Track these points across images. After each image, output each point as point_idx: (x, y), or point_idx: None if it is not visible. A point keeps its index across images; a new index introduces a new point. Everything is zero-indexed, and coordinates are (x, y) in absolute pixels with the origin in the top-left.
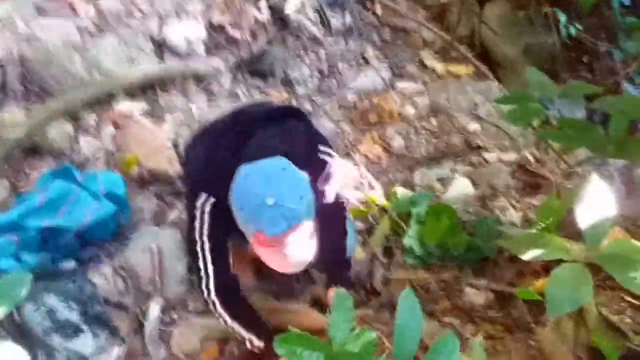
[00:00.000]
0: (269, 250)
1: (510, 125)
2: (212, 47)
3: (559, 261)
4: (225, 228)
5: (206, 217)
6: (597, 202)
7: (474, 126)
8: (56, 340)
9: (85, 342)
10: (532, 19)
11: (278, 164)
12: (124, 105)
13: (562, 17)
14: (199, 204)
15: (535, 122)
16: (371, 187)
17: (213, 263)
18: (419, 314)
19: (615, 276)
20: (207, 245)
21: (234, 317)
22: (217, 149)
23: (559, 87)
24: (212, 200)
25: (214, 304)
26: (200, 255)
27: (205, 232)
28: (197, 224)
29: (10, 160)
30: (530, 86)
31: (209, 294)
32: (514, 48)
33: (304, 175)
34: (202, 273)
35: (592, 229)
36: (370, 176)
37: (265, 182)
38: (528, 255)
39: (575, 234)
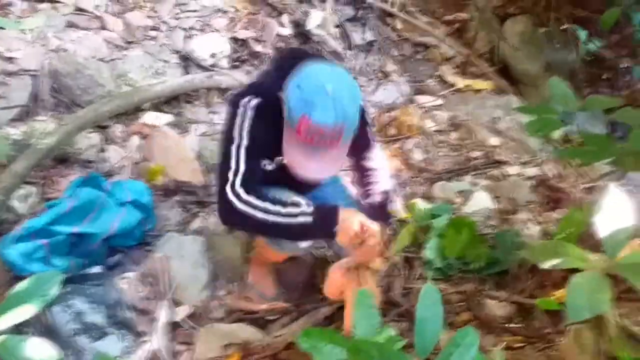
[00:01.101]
0: (301, 144)
1: (530, 140)
2: (235, 61)
3: (579, 272)
4: (265, 127)
5: (249, 112)
6: (616, 212)
7: (494, 140)
8: (83, 341)
9: (111, 344)
10: (553, 35)
11: (345, 71)
12: (150, 117)
13: (583, 34)
14: (243, 101)
15: (556, 135)
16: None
17: (246, 161)
18: (440, 306)
19: (635, 284)
20: (244, 142)
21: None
22: (267, 71)
23: (580, 102)
24: (257, 99)
25: (238, 196)
26: (234, 153)
27: (246, 127)
28: (238, 119)
29: (41, 168)
30: (552, 98)
31: (233, 186)
32: (534, 64)
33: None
34: (232, 170)
35: (611, 238)
36: None
37: (331, 75)
38: (547, 264)
39: (595, 247)
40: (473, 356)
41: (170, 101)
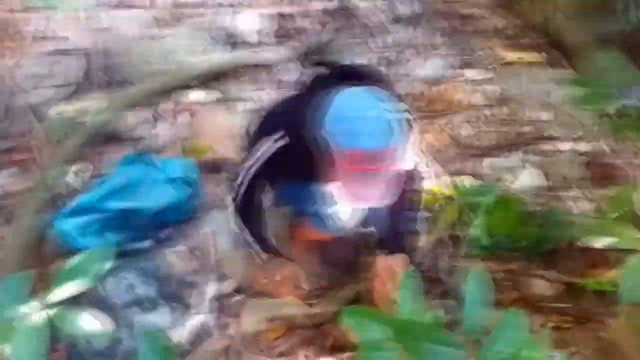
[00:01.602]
0: (356, 174)
1: (583, 114)
2: (281, 37)
3: (631, 252)
4: (276, 175)
5: (268, 154)
6: None
7: (545, 115)
8: (135, 313)
9: (162, 316)
10: (609, 4)
11: (372, 89)
12: (197, 94)
13: None
14: (271, 139)
15: (610, 109)
16: (437, 176)
17: (246, 191)
18: (489, 290)
19: None
20: (254, 168)
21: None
22: (296, 96)
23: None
24: (284, 141)
25: (233, 215)
26: (244, 172)
27: (257, 167)
28: (258, 155)
29: (92, 145)
30: (607, 70)
31: (232, 205)
32: (588, 34)
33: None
34: (235, 190)
35: None
36: (437, 165)
37: (369, 99)
38: (599, 244)
39: None
40: (523, 339)
41: (217, 78)
